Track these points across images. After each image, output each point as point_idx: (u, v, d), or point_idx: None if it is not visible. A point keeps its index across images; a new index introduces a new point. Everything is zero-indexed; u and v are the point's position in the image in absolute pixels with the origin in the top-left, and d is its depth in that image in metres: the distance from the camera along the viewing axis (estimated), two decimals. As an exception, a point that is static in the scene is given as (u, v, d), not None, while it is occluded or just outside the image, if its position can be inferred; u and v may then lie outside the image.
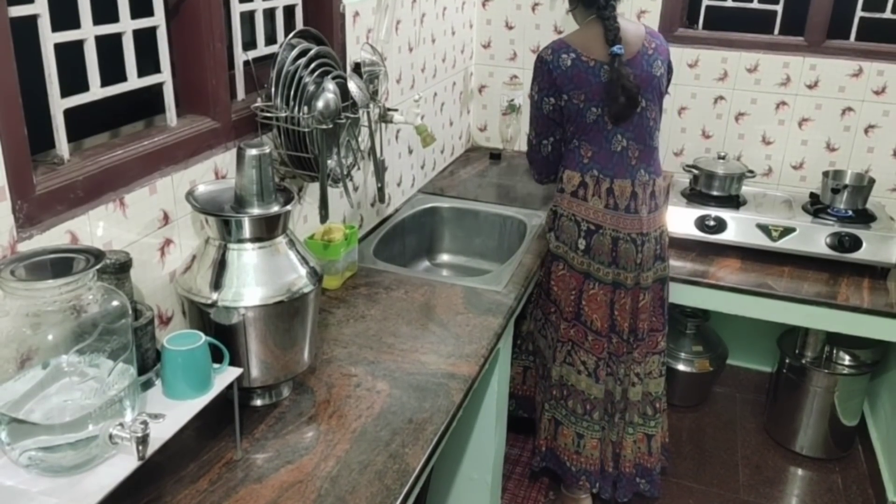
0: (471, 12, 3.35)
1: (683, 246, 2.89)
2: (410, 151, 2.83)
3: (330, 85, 1.90)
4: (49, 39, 1.36)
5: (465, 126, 3.53)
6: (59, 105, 1.39)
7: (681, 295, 2.77)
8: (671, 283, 2.76)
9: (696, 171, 3.04)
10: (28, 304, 1.15)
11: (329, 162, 1.98)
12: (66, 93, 1.41)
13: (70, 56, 1.43)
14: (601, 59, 2.32)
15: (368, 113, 2.16)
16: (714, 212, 2.88)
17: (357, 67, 2.22)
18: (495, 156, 3.44)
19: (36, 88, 1.36)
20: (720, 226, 2.86)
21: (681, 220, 2.89)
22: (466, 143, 3.58)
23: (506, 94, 3.39)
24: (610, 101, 2.33)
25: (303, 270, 1.58)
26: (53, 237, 1.35)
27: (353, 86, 2.05)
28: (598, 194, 2.42)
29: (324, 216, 1.94)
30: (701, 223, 2.88)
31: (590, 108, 2.35)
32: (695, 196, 3.01)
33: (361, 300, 2.10)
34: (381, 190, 2.26)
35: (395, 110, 2.36)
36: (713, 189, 2.99)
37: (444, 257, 2.90)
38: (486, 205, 2.87)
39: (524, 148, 3.49)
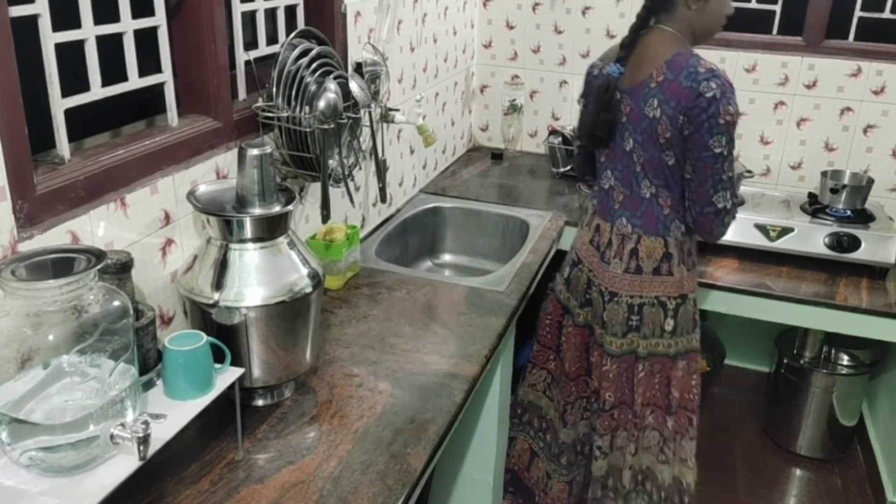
0: (472, 12, 3.33)
1: None
2: (412, 151, 2.82)
3: (331, 85, 1.89)
4: (49, 39, 1.35)
5: (467, 126, 3.52)
6: (59, 105, 1.38)
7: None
8: None
9: None
10: (29, 304, 1.14)
11: (330, 162, 1.97)
12: (66, 92, 1.40)
13: (71, 56, 1.42)
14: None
15: (370, 113, 2.15)
16: None
17: (359, 67, 2.22)
18: (497, 156, 3.42)
19: (36, 88, 1.35)
20: None
21: None
22: (468, 142, 3.57)
23: (507, 94, 3.39)
24: (583, 120, 2.19)
25: (304, 271, 1.57)
26: (54, 237, 1.34)
27: (354, 86, 2.04)
28: (589, 226, 2.25)
29: (325, 216, 1.93)
30: None
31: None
32: None
33: (363, 300, 2.09)
34: (382, 190, 2.26)
35: (397, 110, 2.35)
36: None
37: (447, 257, 2.89)
38: (488, 205, 2.86)
39: (526, 148, 3.55)
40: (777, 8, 3.10)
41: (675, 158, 1.99)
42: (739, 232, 2.81)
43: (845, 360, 3.03)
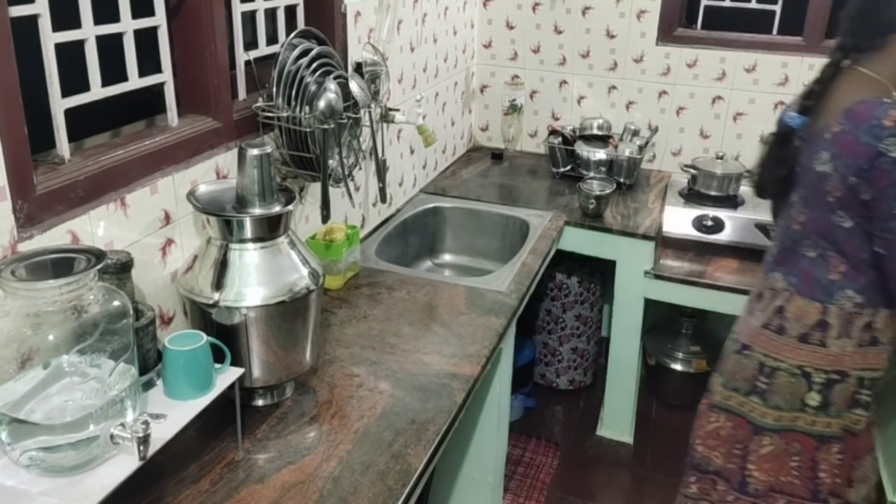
0: (472, 12, 3.33)
1: (681, 246, 2.87)
2: (412, 151, 2.82)
3: (331, 85, 1.89)
4: (49, 39, 1.35)
5: (467, 126, 3.52)
6: (59, 105, 1.38)
7: (678, 295, 2.76)
8: (669, 284, 2.72)
9: (694, 171, 3.02)
10: (29, 304, 1.14)
11: (330, 162, 1.97)
12: (67, 92, 1.40)
13: (71, 55, 1.42)
14: None
15: (370, 113, 2.15)
16: (712, 212, 2.86)
17: (359, 67, 2.22)
18: (497, 155, 3.42)
19: (37, 88, 1.35)
20: (718, 226, 2.84)
21: (678, 220, 2.87)
22: (468, 142, 3.57)
23: (507, 94, 3.38)
24: (758, 166, 1.99)
25: (304, 270, 1.57)
26: (54, 237, 1.34)
27: (354, 86, 2.04)
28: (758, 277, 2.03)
29: (325, 216, 1.93)
30: (699, 223, 2.85)
31: None
32: (693, 196, 2.99)
33: (364, 300, 2.09)
34: (382, 190, 2.26)
35: (397, 110, 2.35)
36: (711, 189, 2.97)
37: (447, 257, 2.89)
38: (488, 205, 2.85)
39: (526, 148, 3.54)
40: (777, 8, 3.10)
41: (852, 221, 1.70)
42: (739, 232, 2.81)
43: (846, 359, 3.03)
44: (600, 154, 3.10)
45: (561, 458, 3.06)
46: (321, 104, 1.86)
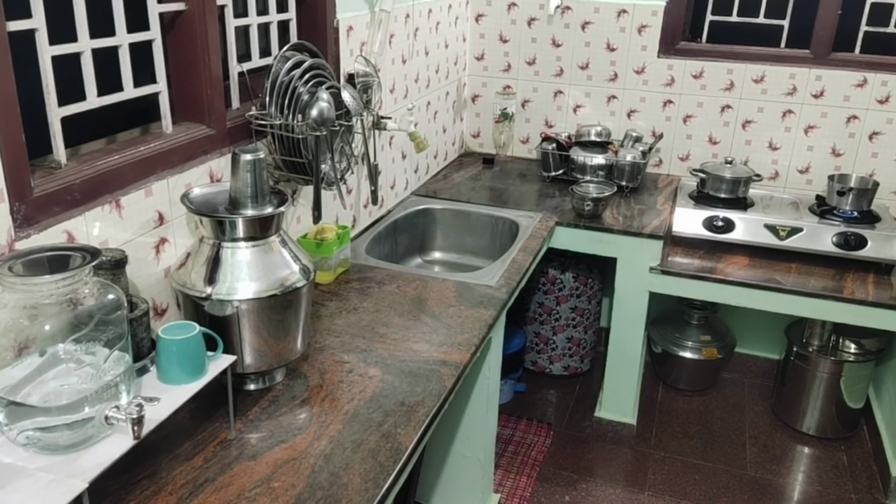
0: (464, 27, 3.35)
1: (691, 245, 2.88)
2: (404, 156, 2.83)
3: (324, 94, 1.91)
4: (46, 52, 1.37)
5: (459, 133, 3.52)
6: (56, 113, 1.41)
7: (686, 289, 2.76)
8: (677, 279, 2.72)
9: (703, 175, 3.02)
10: (25, 297, 1.15)
11: (323, 166, 1.99)
12: (65, 100, 1.42)
13: (69, 63, 1.44)
14: None
15: (362, 121, 2.17)
16: (722, 213, 2.86)
17: (351, 78, 2.24)
18: (488, 161, 3.41)
19: (37, 95, 1.38)
20: (728, 226, 2.84)
21: (688, 220, 2.87)
22: (460, 148, 3.56)
23: (499, 103, 3.38)
24: None
25: (295, 267, 1.58)
26: (51, 237, 1.36)
27: (346, 95, 2.07)
28: None
29: (317, 217, 1.94)
30: (709, 223, 2.85)
31: None
32: (702, 198, 2.98)
33: (354, 294, 2.09)
34: (374, 192, 2.28)
35: (389, 118, 2.37)
36: (721, 192, 2.97)
37: (436, 255, 2.88)
38: (478, 206, 2.85)
39: (517, 153, 3.54)
40: (785, 23, 3.11)
41: None
42: (749, 231, 2.82)
43: (852, 348, 3.02)
44: (598, 159, 3.10)
45: (555, 437, 3.06)
46: (313, 112, 1.88)
